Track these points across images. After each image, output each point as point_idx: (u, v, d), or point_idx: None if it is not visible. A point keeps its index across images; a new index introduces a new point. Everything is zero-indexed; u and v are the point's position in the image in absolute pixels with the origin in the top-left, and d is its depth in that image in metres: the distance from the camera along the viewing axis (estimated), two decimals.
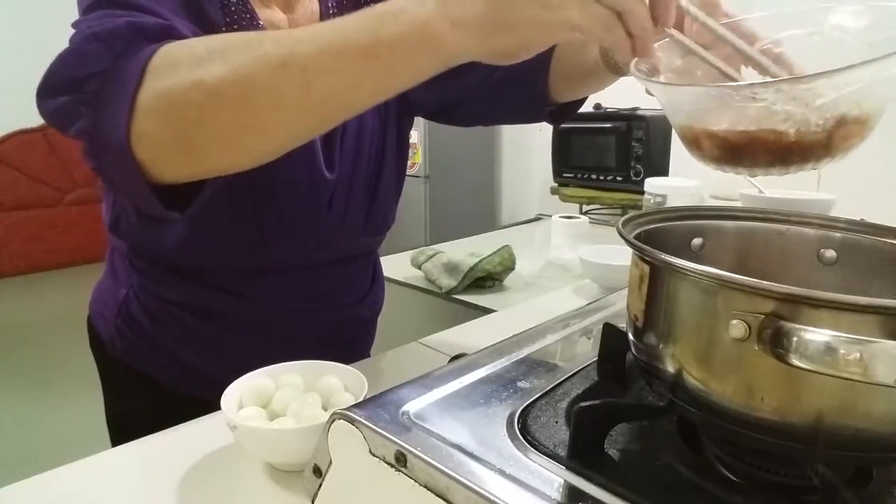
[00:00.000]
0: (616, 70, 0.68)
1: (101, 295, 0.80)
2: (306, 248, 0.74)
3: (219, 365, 0.70)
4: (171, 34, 0.50)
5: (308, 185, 0.70)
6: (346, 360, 0.61)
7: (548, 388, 0.45)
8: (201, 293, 0.72)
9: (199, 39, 0.47)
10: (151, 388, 0.75)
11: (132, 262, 0.74)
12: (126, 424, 0.78)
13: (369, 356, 0.83)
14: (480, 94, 0.78)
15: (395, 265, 1.29)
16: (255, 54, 0.42)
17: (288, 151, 0.67)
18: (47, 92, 0.48)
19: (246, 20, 0.65)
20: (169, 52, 0.46)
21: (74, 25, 0.52)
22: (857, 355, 0.27)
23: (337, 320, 0.80)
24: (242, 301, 0.73)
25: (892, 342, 0.27)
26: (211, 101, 0.43)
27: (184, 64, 0.44)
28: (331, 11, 0.77)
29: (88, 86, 0.46)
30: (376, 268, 0.88)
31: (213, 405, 0.57)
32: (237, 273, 0.72)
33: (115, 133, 0.45)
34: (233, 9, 0.65)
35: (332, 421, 0.39)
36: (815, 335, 0.28)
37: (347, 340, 0.84)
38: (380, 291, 0.89)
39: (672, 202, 1.20)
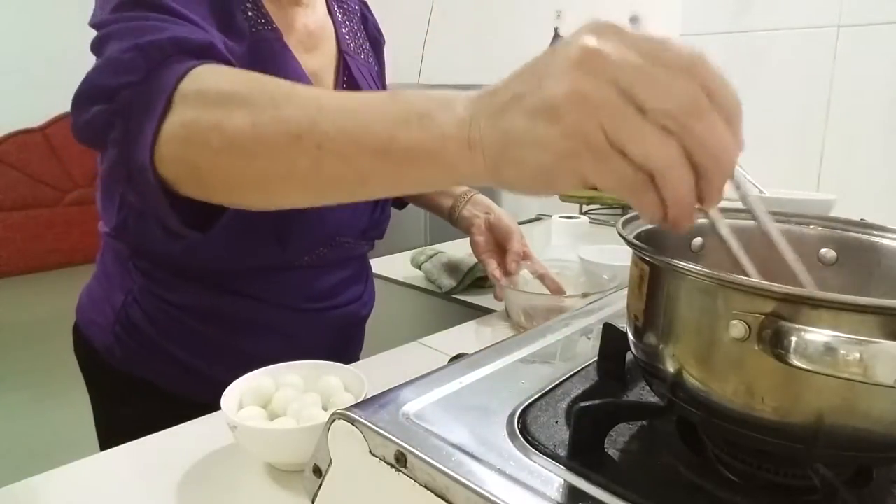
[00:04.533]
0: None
1: (92, 303, 0.79)
2: (316, 247, 0.74)
3: (221, 366, 0.70)
4: (212, 53, 0.51)
5: None
6: (343, 361, 0.61)
7: (548, 388, 0.45)
8: (204, 294, 0.72)
9: (232, 73, 0.48)
10: (149, 394, 0.74)
11: (135, 263, 0.73)
12: (121, 431, 0.78)
13: (358, 359, 0.83)
14: None
15: (395, 265, 1.29)
16: (278, 116, 0.42)
17: None
18: (81, 101, 0.49)
19: (262, 24, 0.66)
20: (201, 78, 0.46)
21: (99, 24, 0.52)
22: (857, 355, 0.27)
23: (340, 319, 0.80)
24: (247, 301, 0.73)
25: (892, 342, 0.27)
26: (226, 149, 0.43)
27: (212, 99, 0.45)
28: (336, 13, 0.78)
29: (122, 96, 0.47)
30: (368, 267, 0.90)
31: (213, 407, 0.57)
32: (242, 273, 0.72)
33: (142, 151, 0.46)
34: (250, 13, 0.66)
35: (332, 421, 0.39)
36: (814, 335, 0.28)
37: (347, 340, 0.85)
38: (372, 290, 0.90)
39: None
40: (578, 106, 0.31)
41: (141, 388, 0.75)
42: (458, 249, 1.27)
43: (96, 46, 0.52)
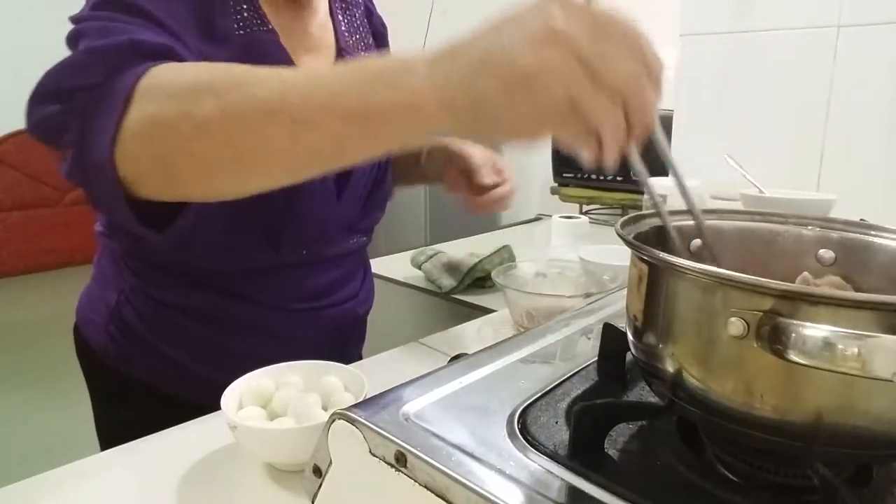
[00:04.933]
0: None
1: (89, 302, 0.79)
2: (308, 244, 0.74)
3: (214, 367, 0.70)
4: (171, 56, 0.50)
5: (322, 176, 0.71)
6: (343, 361, 0.61)
7: (548, 388, 0.45)
8: (197, 294, 0.72)
9: (191, 66, 0.48)
10: (146, 394, 0.74)
11: (127, 263, 0.73)
12: (120, 432, 0.78)
13: (360, 358, 0.83)
14: None
15: (395, 265, 1.29)
16: (247, 95, 0.42)
17: None
18: (38, 99, 0.48)
19: (256, 25, 0.66)
20: (160, 74, 0.46)
21: (76, 20, 0.52)
22: (856, 350, 0.27)
23: (335, 318, 0.80)
24: (239, 302, 0.73)
25: (890, 336, 0.27)
26: (198, 135, 0.43)
27: (175, 91, 0.45)
28: (339, 16, 0.78)
29: (78, 98, 0.47)
30: (366, 264, 0.89)
31: (209, 408, 0.57)
32: (235, 273, 0.72)
33: (101, 150, 0.45)
34: (245, 13, 0.65)
35: (332, 421, 0.39)
36: (813, 330, 0.29)
37: (344, 339, 0.84)
38: (371, 287, 0.89)
39: (672, 202, 1.20)
40: (549, 78, 0.37)
41: (136, 388, 0.74)
42: (458, 249, 1.27)
43: (70, 40, 0.52)
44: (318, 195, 0.72)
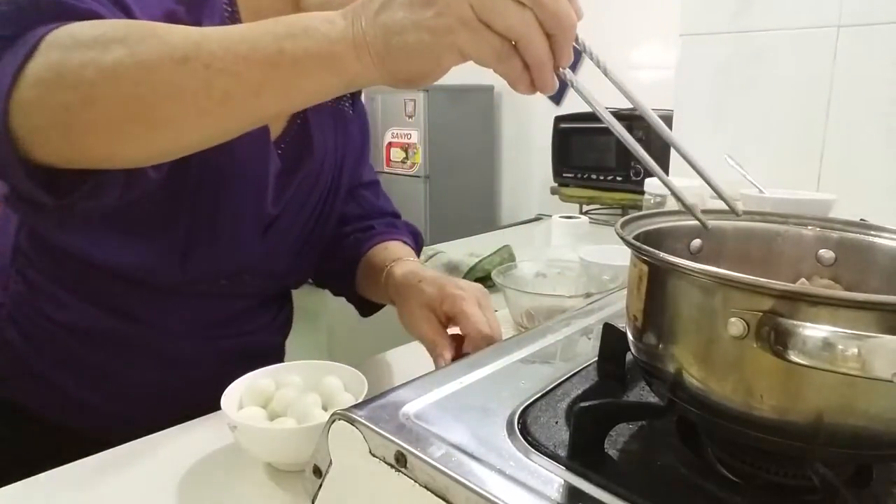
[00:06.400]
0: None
1: None
2: (218, 277, 0.68)
3: (96, 391, 0.65)
4: (97, 17, 0.46)
5: (251, 215, 0.66)
6: None
7: (548, 388, 0.45)
8: (93, 314, 0.64)
9: (109, 20, 0.45)
10: (16, 417, 0.66)
11: (24, 273, 0.65)
12: None
13: None
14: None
15: None
16: (160, 42, 0.41)
17: (232, 179, 0.61)
18: None
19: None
20: (72, 28, 0.43)
21: None
22: (856, 350, 0.27)
23: (242, 347, 0.73)
24: (137, 324, 0.65)
25: (890, 337, 0.27)
26: (104, 81, 0.40)
27: (84, 40, 0.41)
28: None
29: None
30: (287, 293, 0.83)
31: (82, 434, 0.55)
32: (137, 293, 0.64)
33: None
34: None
35: (332, 421, 0.39)
36: (813, 331, 0.29)
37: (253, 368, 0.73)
38: (288, 314, 0.84)
39: (672, 202, 1.20)
40: None
41: (8, 412, 0.66)
42: (458, 249, 1.27)
43: None
44: (239, 228, 0.66)
